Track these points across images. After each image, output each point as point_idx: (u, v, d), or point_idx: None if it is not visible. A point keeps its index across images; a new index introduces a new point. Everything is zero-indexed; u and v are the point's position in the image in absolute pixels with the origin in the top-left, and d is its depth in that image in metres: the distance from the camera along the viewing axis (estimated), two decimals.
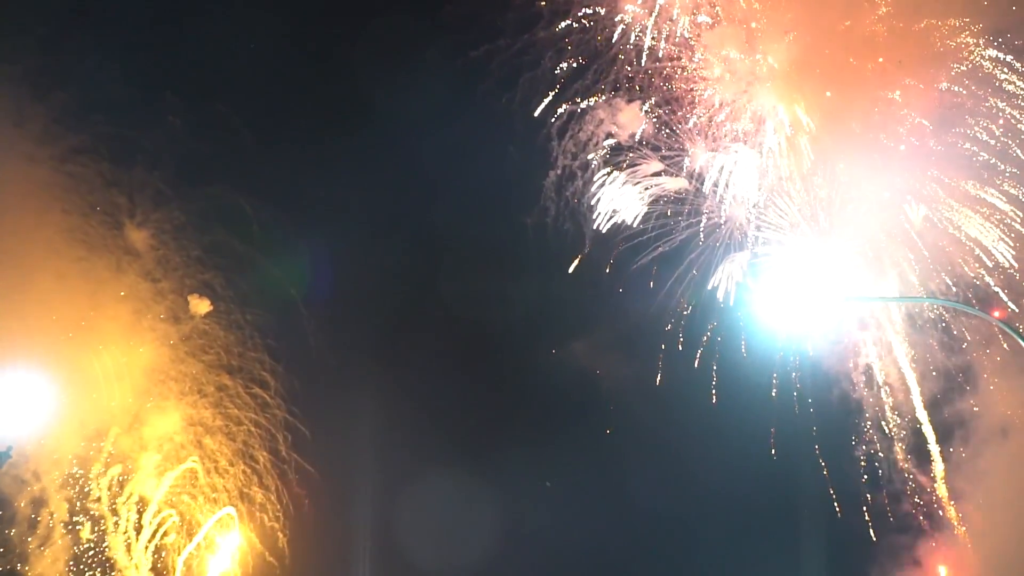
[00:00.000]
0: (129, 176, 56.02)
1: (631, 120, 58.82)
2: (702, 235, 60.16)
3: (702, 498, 60.74)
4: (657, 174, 60.75)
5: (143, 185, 56.48)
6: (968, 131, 54.49)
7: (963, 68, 54.16)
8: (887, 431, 58.80)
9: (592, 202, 61.15)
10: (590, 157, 60.35)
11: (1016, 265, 53.33)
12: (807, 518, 60.69)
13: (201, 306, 58.13)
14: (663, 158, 60.34)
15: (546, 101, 59.77)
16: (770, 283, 55.76)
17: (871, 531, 58.71)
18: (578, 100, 59.49)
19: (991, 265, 54.66)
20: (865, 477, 59.16)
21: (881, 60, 54.65)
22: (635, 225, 60.95)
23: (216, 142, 57.58)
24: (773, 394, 59.22)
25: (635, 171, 60.99)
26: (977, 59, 54.09)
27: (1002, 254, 54.41)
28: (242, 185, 58.45)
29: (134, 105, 55.44)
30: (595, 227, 61.06)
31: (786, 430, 59.28)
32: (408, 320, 64.87)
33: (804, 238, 58.19)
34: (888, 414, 58.79)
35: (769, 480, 59.78)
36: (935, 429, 57.04)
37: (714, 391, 60.65)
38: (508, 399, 67.64)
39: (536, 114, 59.90)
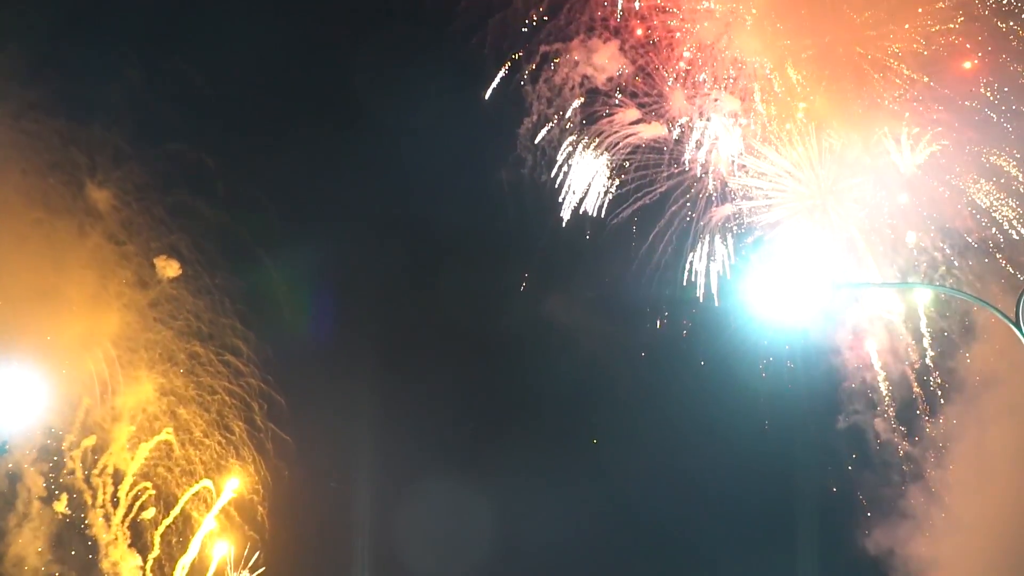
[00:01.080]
0: (88, 133, 53.40)
1: (608, 62, 57.80)
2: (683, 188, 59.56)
3: (697, 480, 60.37)
4: (635, 122, 60.04)
5: (103, 143, 53.98)
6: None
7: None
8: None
9: (569, 157, 60.29)
10: (567, 104, 59.32)
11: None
12: (801, 495, 60.17)
13: (168, 269, 56.08)
14: (640, 105, 59.63)
15: (517, 45, 58.52)
16: (760, 270, 55.27)
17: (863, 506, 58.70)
18: (552, 42, 58.26)
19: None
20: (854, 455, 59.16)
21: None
22: (614, 178, 60.30)
23: (177, 97, 55.38)
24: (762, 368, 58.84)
25: (612, 120, 60.22)
26: None
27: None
28: (206, 142, 56.32)
29: (91, 58, 52.88)
30: (572, 180, 60.31)
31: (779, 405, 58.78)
32: (385, 282, 63.51)
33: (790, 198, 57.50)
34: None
35: (762, 456, 59.01)
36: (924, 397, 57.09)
37: (702, 362, 60.54)
38: (486, 367, 66.74)
39: (508, 59, 58.69)
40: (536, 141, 59.59)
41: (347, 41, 60.39)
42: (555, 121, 59.15)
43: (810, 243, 56.51)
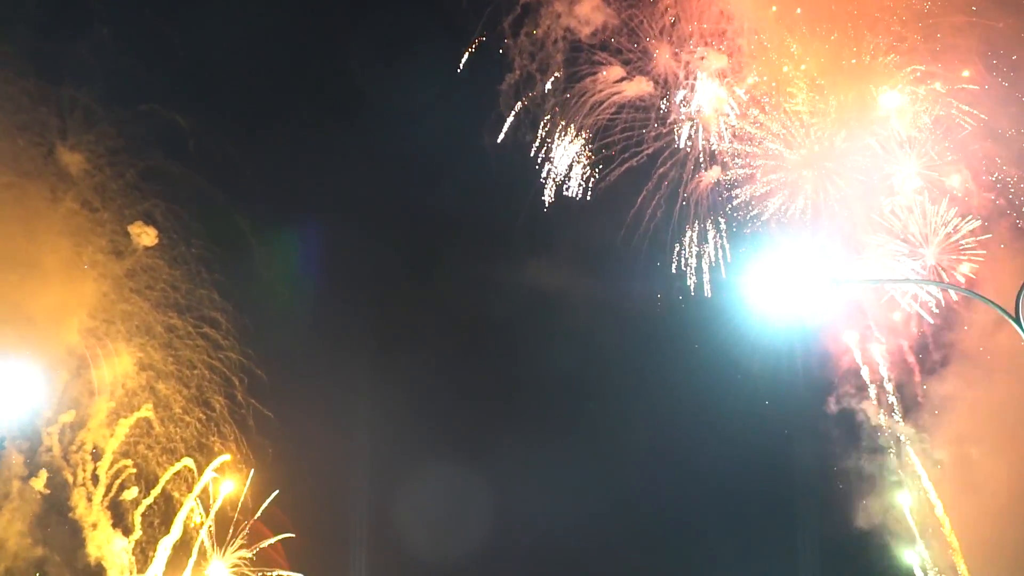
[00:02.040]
0: (58, 94, 51.07)
1: (591, 13, 56.81)
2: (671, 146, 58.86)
3: (693, 460, 59.45)
4: (619, 80, 59.28)
5: (73, 104, 51.67)
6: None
7: None
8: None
9: (553, 117, 59.36)
10: (550, 59, 58.23)
11: None
12: (798, 478, 59.70)
13: (144, 237, 53.94)
14: (625, 62, 58.89)
15: None
16: (755, 261, 54.52)
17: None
18: None
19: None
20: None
21: None
22: (600, 139, 59.47)
23: (151, 55, 53.34)
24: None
25: (595, 79, 59.39)
26: None
27: None
28: (181, 104, 54.30)
29: (61, 14, 50.62)
30: (557, 142, 59.40)
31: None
32: (369, 252, 61.95)
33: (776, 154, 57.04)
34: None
35: (759, 438, 58.31)
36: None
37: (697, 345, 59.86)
38: (470, 340, 65.70)
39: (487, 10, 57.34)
40: (520, 100, 58.44)
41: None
42: (539, 78, 58.07)
43: (804, 218, 55.73)
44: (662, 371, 59.96)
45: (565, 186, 59.49)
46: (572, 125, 58.96)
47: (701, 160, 58.46)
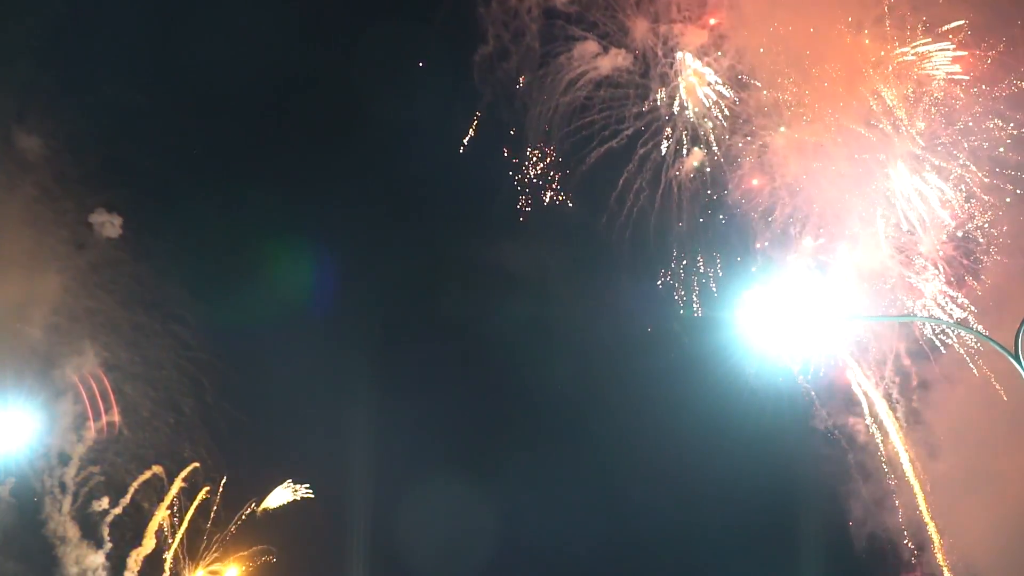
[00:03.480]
0: (14, 74, 48.08)
1: None
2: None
3: (692, 470, 57.23)
4: (596, 55, 58.15)
5: (31, 86, 48.70)
6: None
7: None
8: None
9: (528, 93, 58.02)
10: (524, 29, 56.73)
11: None
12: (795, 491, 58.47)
13: (107, 228, 50.99)
14: (602, 36, 57.75)
15: None
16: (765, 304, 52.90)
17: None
18: None
19: None
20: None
21: None
22: (578, 119, 58.25)
23: (114, 35, 50.73)
24: None
25: (571, 54, 58.22)
26: None
27: None
28: (146, 85, 51.72)
29: None
30: (533, 118, 58.04)
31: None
32: (345, 243, 59.65)
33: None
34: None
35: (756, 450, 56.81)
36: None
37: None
38: (451, 334, 63.57)
39: None
40: (494, 73, 56.92)
41: None
42: (513, 51, 56.67)
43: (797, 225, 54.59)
44: (659, 383, 58.10)
45: (541, 164, 58.08)
46: (548, 101, 57.59)
47: (684, 142, 57.59)
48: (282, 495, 59.32)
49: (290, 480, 59.28)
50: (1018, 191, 50.14)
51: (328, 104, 58.45)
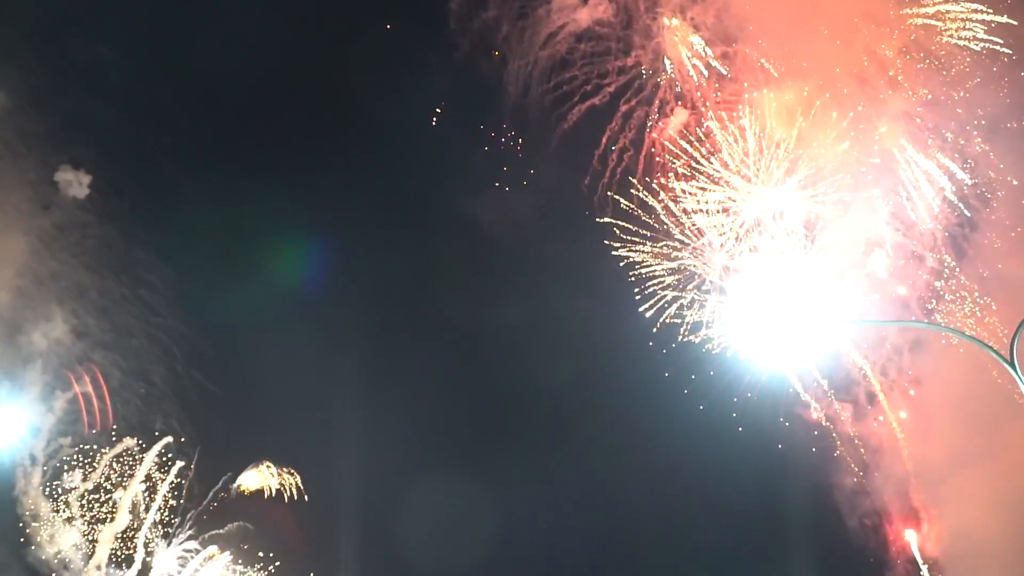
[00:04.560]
0: None
1: None
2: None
3: (688, 472, 55.96)
4: (575, 7, 56.68)
5: None
6: None
7: None
8: None
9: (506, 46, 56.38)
10: None
11: None
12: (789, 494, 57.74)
13: (74, 187, 48.46)
14: None
15: None
16: (757, 309, 51.91)
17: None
18: None
19: None
20: None
21: None
22: (558, 73, 56.76)
23: None
24: None
25: (549, 6, 56.76)
26: None
27: None
28: (114, 35, 49.24)
29: None
30: (513, 73, 56.38)
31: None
32: (320, 206, 57.60)
33: None
34: None
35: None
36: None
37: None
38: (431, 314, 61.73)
39: None
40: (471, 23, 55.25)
41: None
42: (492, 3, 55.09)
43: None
44: (654, 381, 56.76)
45: (520, 120, 56.73)
46: (526, 56, 56.15)
47: (667, 100, 56.61)
48: (258, 475, 57.42)
49: (268, 462, 57.39)
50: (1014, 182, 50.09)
51: (297, 60, 56.53)
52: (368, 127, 58.26)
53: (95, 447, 49.77)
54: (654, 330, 54.11)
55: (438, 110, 57.13)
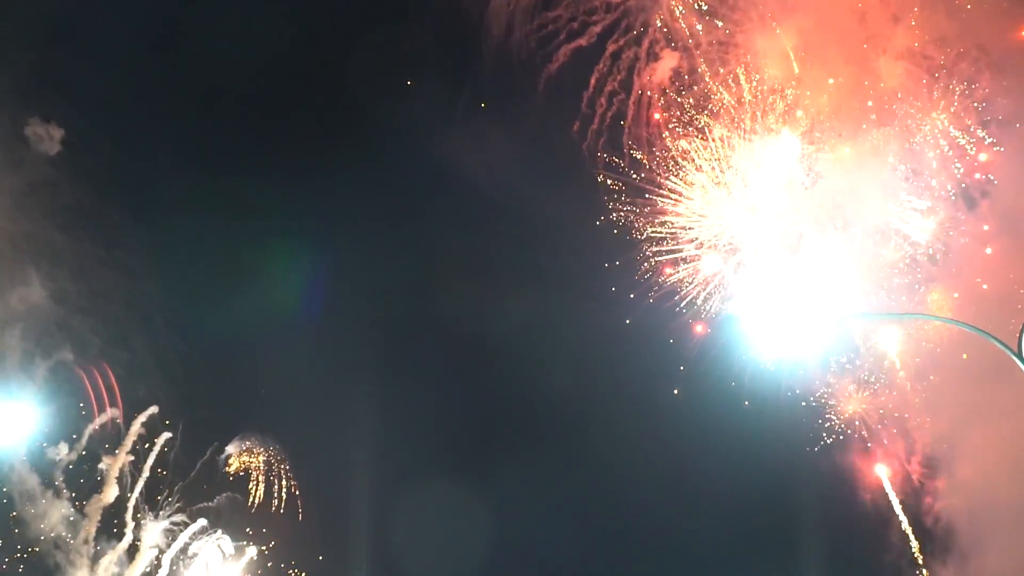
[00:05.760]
0: None
1: None
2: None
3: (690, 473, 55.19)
4: None
5: None
6: None
7: None
8: None
9: None
10: None
11: None
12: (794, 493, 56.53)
13: (46, 143, 45.93)
14: None
15: None
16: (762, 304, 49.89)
17: None
18: None
19: None
20: None
21: None
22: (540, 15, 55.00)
23: None
24: None
25: None
26: None
27: None
28: None
29: None
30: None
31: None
32: (290, 167, 55.54)
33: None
34: None
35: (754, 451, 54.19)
36: None
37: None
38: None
39: None
40: None
41: None
42: None
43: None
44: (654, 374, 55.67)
45: (505, 59, 54.97)
46: None
47: (657, 40, 55.00)
48: (243, 443, 55.67)
49: (255, 435, 55.67)
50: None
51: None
52: (342, 90, 56.19)
53: (80, 416, 47.59)
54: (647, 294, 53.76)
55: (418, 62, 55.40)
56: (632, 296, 54.45)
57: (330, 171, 57.27)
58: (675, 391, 55.46)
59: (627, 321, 54.61)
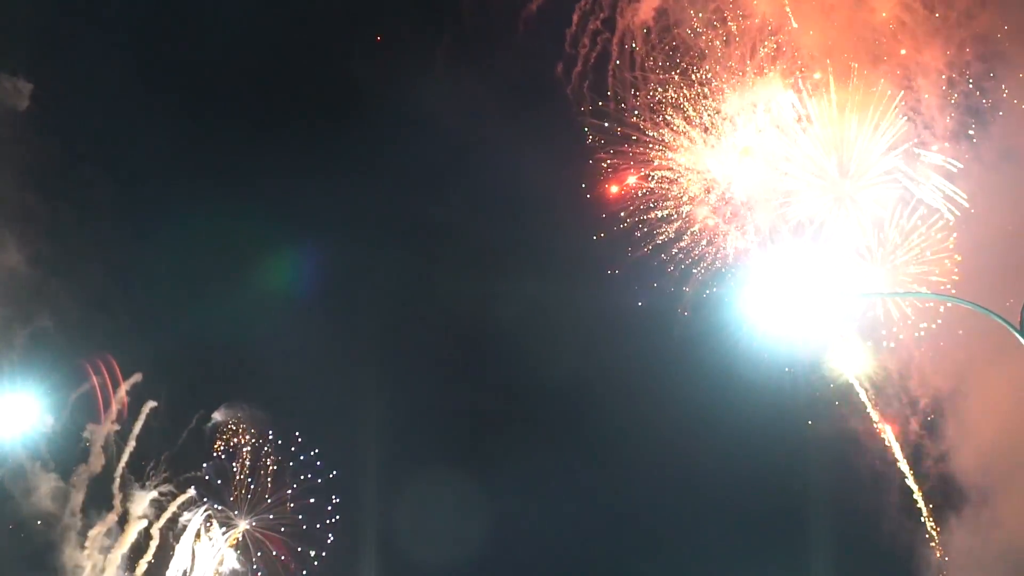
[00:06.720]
0: None
1: None
2: None
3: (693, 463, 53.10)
4: None
5: None
6: None
7: None
8: None
9: None
10: None
11: None
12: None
13: (14, 96, 43.77)
14: None
15: None
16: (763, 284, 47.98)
17: None
18: None
19: None
20: None
21: None
22: None
23: None
24: None
25: None
26: None
27: None
28: None
29: None
30: None
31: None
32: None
33: None
34: None
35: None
36: None
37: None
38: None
39: None
40: None
41: None
42: None
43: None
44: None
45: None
46: None
47: None
48: (230, 412, 54.03)
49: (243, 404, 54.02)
50: None
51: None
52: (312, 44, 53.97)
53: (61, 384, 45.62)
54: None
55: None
56: (625, 270, 53.27)
57: (303, 130, 55.47)
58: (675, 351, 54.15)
59: (639, 304, 53.25)
